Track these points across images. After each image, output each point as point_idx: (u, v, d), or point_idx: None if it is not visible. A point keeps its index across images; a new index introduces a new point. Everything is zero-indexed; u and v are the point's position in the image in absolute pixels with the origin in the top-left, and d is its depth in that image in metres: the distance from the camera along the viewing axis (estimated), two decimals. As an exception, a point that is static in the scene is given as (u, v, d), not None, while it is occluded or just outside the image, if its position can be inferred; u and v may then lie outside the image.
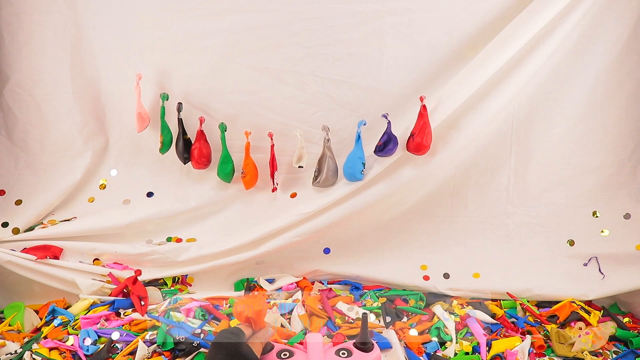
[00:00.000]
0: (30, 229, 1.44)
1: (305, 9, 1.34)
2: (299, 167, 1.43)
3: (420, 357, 1.15)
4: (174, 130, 1.44)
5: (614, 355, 1.18)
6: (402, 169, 1.42)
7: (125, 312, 1.29)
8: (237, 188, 1.48)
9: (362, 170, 1.37)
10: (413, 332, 1.23)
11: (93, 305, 1.33)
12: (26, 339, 1.22)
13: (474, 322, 1.26)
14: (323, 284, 1.47)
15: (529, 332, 1.25)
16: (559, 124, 1.43)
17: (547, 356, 1.18)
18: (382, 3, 1.33)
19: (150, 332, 1.19)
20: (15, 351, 1.15)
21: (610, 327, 1.26)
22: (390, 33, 1.35)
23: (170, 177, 1.52)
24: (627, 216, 1.42)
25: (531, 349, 1.18)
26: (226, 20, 1.36)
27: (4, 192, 1.45)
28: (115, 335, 1.17)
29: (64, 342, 1.18)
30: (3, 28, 1.37)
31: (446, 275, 1.45)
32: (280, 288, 1.44)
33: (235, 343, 0.73)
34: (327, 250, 1.51)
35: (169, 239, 1.49)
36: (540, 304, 1.39)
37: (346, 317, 1.30)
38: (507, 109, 1.41)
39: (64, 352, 1.15)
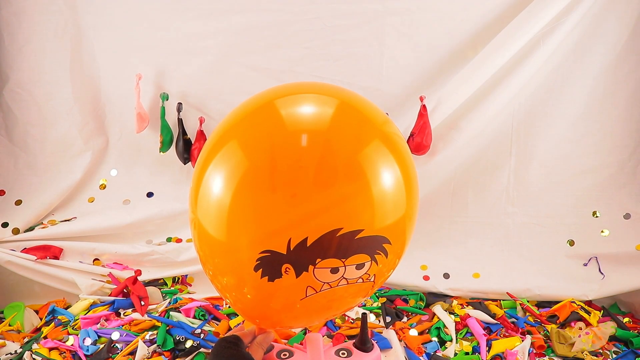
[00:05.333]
0: (30, 229, 1.44)
1: (305, 9, 1.34)
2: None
3: (420, 357, 1.14)
4: (174, 129, 1.44)
5: (614, 355, 1.17)
6: (402, 169, 1.42)
7: (125, 312, 1.29)
8: (237, 188, 1.48)
9: (362, 170, 1.37)
10: (413, 332, 1.23)
11: (93, 305, 1.33)
12: (26, 339, 1.22)
13: (474, 322, 1.26)
14: (323, 284, 1.47)
15: (529, 332, 1.25)
16: (559, 124, 1.42)
17: (547, 356, 1.17)
18: (382, 3, 1.33)
19: (150, 332, 1.19)
20: (15, 351, 1.15)
21: (610, 327, 1.26)
22: (390, 33, 1.35)
23: (170, 177, 1.52)
24: (627, 216, 1.42)
25: (531, 349, 1.18)
26: (226, 20, 1.35)
27: (4, 192, 1.45)
28: (115, 335, 1.17)
29: (64, 342, 1.18)
30: (3, 28, 1.37)
31: (446, 275, 1.45)
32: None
33: (235, 353, 0.72)
34: (327, 250, 1.50)
35: (169, 239, 1.49)
36: (540, 304, 1.39)
37: (346, 317, 1.30)
38: (507, 109, 1.41)
39: (64, 352, 1.15)
